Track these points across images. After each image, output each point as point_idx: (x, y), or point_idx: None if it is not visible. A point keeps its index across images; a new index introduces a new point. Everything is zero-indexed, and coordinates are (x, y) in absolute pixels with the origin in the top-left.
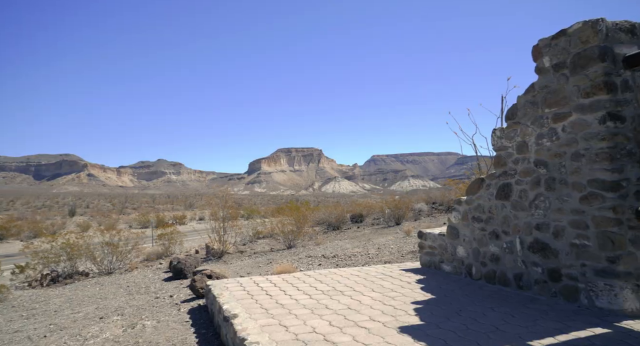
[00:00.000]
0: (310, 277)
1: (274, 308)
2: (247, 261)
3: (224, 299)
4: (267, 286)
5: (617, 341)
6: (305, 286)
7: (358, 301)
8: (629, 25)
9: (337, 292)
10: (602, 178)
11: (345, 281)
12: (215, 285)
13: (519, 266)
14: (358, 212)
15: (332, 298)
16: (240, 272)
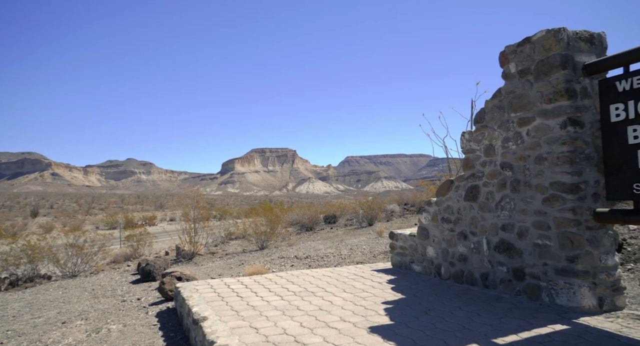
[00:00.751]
0: (282, 278)
1: (244, 310)
2: (218, 262)
3: (194, 301)
4: (239, 288)
5: (575, 337)
6: (277, 287)
7: (329, 302)
8: (588, 35)
9: (308, 293)
10: (563, 181)
11: (317, 282)
12: (185, 287)
13: (486, 266)
14: (331, 212)
15: (304, 299)
16: (211, 274)
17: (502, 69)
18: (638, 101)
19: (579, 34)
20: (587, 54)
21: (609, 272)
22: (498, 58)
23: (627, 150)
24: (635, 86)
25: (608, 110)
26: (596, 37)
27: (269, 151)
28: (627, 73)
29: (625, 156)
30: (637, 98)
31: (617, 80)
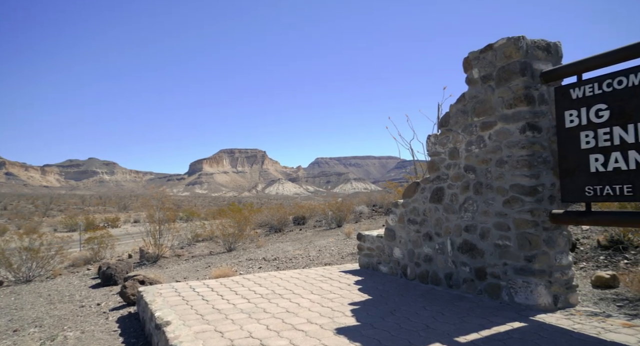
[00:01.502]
0: (250, 281)
1: (210, 314)
2: (184, 265)
3: (157, 305)
4: (204, 291)
5: (532, 334)
6: (243, 290)
7: (297, 304)
8: (545, 44)
9: (276, 295)
10: (522, 184)
11: (285, 284)
12: (148, 291)
13: (450, 266)
14: (301, 214)
15: (271, 302)
16: (176, 277)
17: (466, 75)
18: (589, 108)
19: (537, 42)
20: (544, 62)
21: (563, 271)
22: (462, 64)
23: (579, 154)
24: (587, 94)
25: (563, 116)
26: (552, 46)
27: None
28: (580, 81)
29: (578, 160)
30: (589, 105)
31: (571, 88)
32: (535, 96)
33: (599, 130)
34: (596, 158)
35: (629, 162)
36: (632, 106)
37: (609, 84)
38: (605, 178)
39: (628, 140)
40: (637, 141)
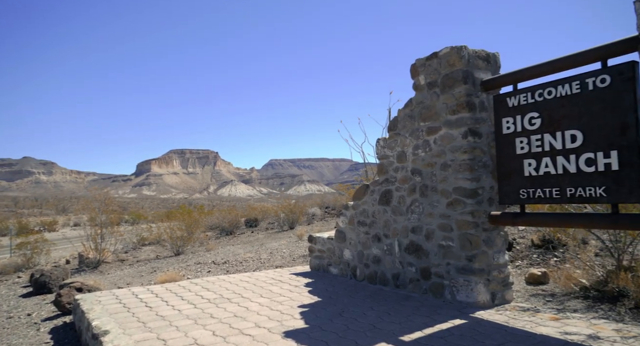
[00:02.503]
0: (197, 285)
1: (153, 321)
2: (128, 270)
3: (95, 314)
4: (148, 297)
5: (470, 330)
6: (190, 295)
7: (245, 308)
8: (485, 54)
9: (224, 300)
10: (464, 187)
11: (234, 288)
12: (86, 298)
13: (397, 266)
14: (253, 216)
15: (219, 307)
16: (118, 283)
17: (413, 81)
18: (524, 116)
19: (478, 52)
20: (484, 71)
21: (500, 269)
22: (410, 70)
23: (515, 159)
24: (521, 103)
25: (501, 123)
26: (492, 57)
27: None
28: (516, 90)
29: (514, 165)
30: (523, 113)
31: (507, 97)
32: (476, 103)
33: (531, 137)
34: (529, 163)
35: (557, 167)
36: (560, 115)
37: (540, 93)
38: (537, 182)
39: (556, 146)
40: (564, 147)
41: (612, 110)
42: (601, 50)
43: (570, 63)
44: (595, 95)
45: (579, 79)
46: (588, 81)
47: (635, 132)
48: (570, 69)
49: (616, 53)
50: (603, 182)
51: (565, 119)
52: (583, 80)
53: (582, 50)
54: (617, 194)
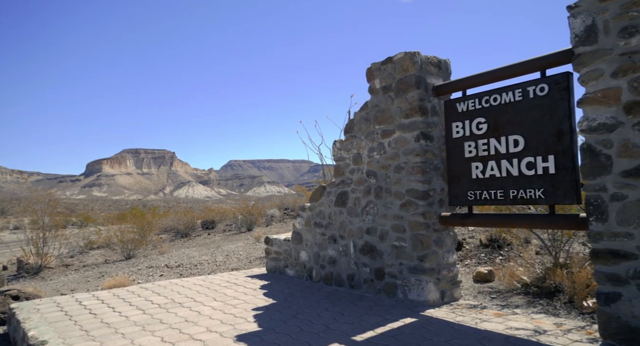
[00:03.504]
0: (147, 290)
1: (97, 329)
2: (73, 276)
3: (32, 323)
4: (93, 303)
5: (420, 328)
6: (139, 300)
7: (197, 313)
8: (436, 60)
9: (175, 304)
10: (416, 188)
11: (187, 292)
12: (23, 307)
13: (352, 267)
14: (210, 218)
15: (169, 312)
16: (61, 290)
17: (369, 84)
18: (472, 121)
19: (430, 58)
20: (436, 77)
21: (449, 268)
22: (365, 74)
23: (463, 162)
24: (470, 108)
25: (451, 127)
26: (443, 63)
27: (143, 152)
28: (465, 96)
29: (463, 167)
30: (471, 118)
31: (457, 102)
32: (428, 108)
33: (478, 141)
34: (477, 166)
35: (502, 170)
36: (504, 121)
37: (486, 100)
38: (483, 184)
39: (501, 150)
40: (508, 152)
41: (550, 117)
42: (540, 61)
43: (513, 72)
44: (535, 102)
45: (521, 87)
46: (529, 89)
47: (570, 138)
48: (513, 77)
49: (553, 64)
50: (542, 184)
51: (509, 125)
52: (525, 88)
53: (523, 60)
54: (554, 196)
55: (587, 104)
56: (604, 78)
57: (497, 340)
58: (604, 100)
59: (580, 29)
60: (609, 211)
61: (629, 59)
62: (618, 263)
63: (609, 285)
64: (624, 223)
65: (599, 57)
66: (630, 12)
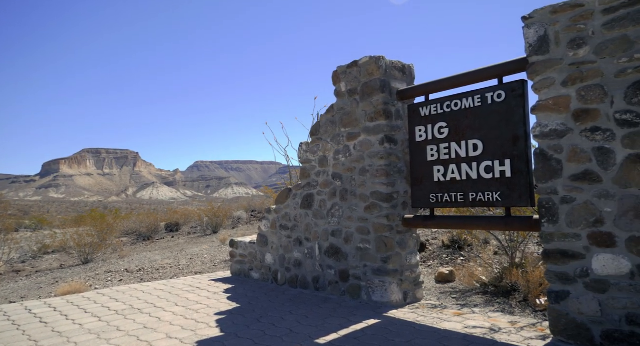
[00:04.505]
0: (105, 296)
1: (47, 339)
2: (24, 282)
3: None
4: (44, 311)
5: (383, 329)
6: (96, 307)
7: (157, 318)
8: (400, 65)
9: (134, 310)
10: (380, 191)
11: (147, 298)
12: None
13: (317, 269)
14: (174, 220)
15: (127, 318)
16: (10, 297)
17: (335, 87)
18: (434, 125)
19: (394, 63)
20: (400, 82)
21: (412, 269)
22: (332, 77)
23: (426, 166)
24: (432, 113)
25: (414, 131)
26: (407, 68)
27: (105, 152)
28: (427, 101)
29: (425, 171)
30: (434, 123)
31: (420, 107)
32: (392, 111)
33: (440, 145)
34: (438, 169)
35: (462, 174)
36: (465, 125)
37: (448, 105)
38: (444, 187)
39: (461, 154)
40: (468, 156)
41: (507, 123)
42: (498, 69)
43: (473, 78)
44: (493, 108)
45: (480, 93)
46: (487, 96)
47: (525, 143)
48: (473, 83)
49: (510, 72)
50: (499, 187)
51: (469, 129)
52: (483, 94)
53: (482, 67)
54: (510, 199)
55: (540, 111)
56: (555, 86)
57: (456, 339)
58: (555, 107)
59: (533, 39)
60: (560, 213)
61: (577, 69)
62: (567, 262)
63: (559, 284)
64: (572, 225)
65: (551, 66)
66: (578, 25)
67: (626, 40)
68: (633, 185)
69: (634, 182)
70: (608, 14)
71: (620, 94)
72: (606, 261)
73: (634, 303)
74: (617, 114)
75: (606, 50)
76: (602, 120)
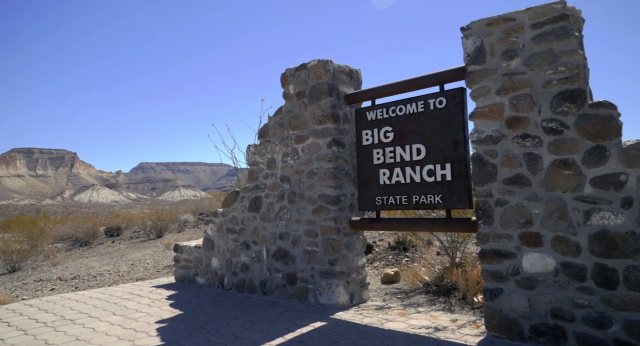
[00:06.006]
0: (33, 307)
1: None
2: None
3: None
4: None
5: (329, 331)
6: (22, 319)
7: (92, 329)
8: (348, 69)
9: (66, 322)
10: (328, 194)
11: (81, 307)
12: None
13: (265, 273)
14: (116, 224)
15: (57, 330)
16: None
17: (283, 90)
18: (380, 129)
19: (342, 67)
20: (348, 86)
21: (358, 271)
22: (280, 79)
23: (372, 169)
24: (378, 117)
25: (361, 135)
26: (354, 72)
27: (38, 152)
28: (374, 105)
29: (371, 174)
30: (380, 127)
31: (367, 111)
32: (340, 115)
33: (386, 149)
34: (384, 172)
35: (406, 177)
36: (409, 130)
37: (393, 110)
38: (390, 190)
39: (406, 158)
40: (412, 159)
41: (448, 128)
42: (439, 76)
43: (417, 85)
44: (435, 114)
45: (423, 99)
46: (430, 102)
47: (464, 148)
48: (416, 89)
49: (450, 79)
50: (440, 190)
51: (413, 134)
52: (426, 100)
53: (425, 74)
54: (450, 201)
55: (477, 118)
56: (491, 95)
57: (400, 339)
58: (491, 114)
59: (471, 49)
60: (494, 215)
61: (509, 79)
62: (500, 261)
63: (493, 282)
64: (505, 226)
65: (486, 75)
66: (511, 38)
67: (552, 54)
68: (557, 188)
69: (558, 185)
70: (536, 29)
71: (546, 104)
72: (534, 259)
73: (557, 298)
74: (544, 122)
75: (534, 62)
76: (532, 127)
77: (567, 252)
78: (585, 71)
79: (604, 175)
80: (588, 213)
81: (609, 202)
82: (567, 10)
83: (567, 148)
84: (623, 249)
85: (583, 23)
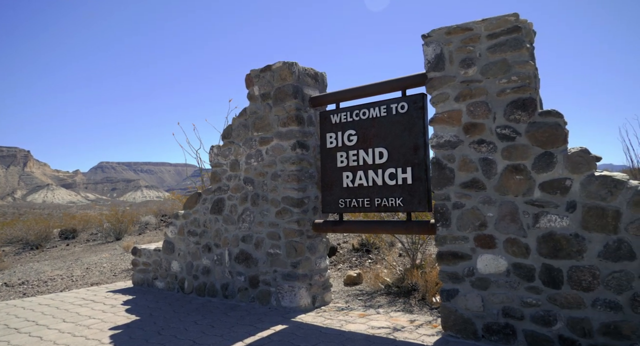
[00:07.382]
0: None
1: None
2: None
3: None
4: None
5: (290, 334)
6: None
7: (39, 338)
8: (313, 72)
9: (10, 331)
10: (292, 196)
11: (28, 315)
12: None
13: (227, 276)
14: (71, 226)
15: (0, 340)
16: None
17: (248, 91)
18: (344, 133)
19: (307, 70)
20: (313, 89)
21: (321, 273)
22: (245, 80)
23: (336, 171)
24: (342, 120)
25: (325, 138)
26: (319, 76)
27: None
28: (338, 109)
29: (335, 176)
30: (343, 130)
31: (331, 114)
32: (304, 117)
33: (349, 152)
34: (347, 175)
35: (369, 180)
36: (372, 134)
37: (357, 113)
38: (353, 193)
39: (368, 161)
40: (374, 163)
41: (409, 133)
42: (401, 81)
43: (379, 89)
44: (397, 118)
45: (385, 104)
46: (392, 106)
47: (424, 152)
48: (379, 94)
49: (412, 85)
50: (401, 193)
51: (375, 138)
52: (389, 105)
53: (388, 79)
54: (411, 204)
55: (436, 123)
56: (449, 101)
57: (359, 340)
58: (449, 120)
59: (431, 56)
60: (452, 218)
61: (467, 87)
62: (457, 263)
63: (450, 283)
64: (462, 228)
65: (446, 82)
66: (468, 47)
67: (506, 64)
68: (510, 192)
69: (511, 189)
70: (492, 39)
71: (500, 111)
72: (488, 261)
73: (508, 297)
74: (498, 129)
75: (490, 71)
76: (487, 133)
77: (517, 253)
78: (536, 81)
79: (551, 180)
80: (537, 216)
81: (556, 205)
82: (520, 23)
83: (518, 154)
84: (567, 250)
85: (534, 35)
